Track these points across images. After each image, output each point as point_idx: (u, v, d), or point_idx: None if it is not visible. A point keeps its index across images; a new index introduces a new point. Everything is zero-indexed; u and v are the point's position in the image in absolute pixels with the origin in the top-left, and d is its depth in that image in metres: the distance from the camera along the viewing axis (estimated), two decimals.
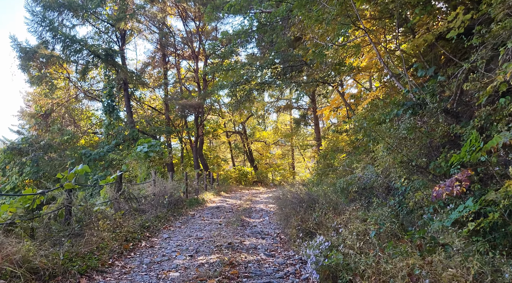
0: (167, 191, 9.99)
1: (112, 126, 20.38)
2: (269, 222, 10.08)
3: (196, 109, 22.93)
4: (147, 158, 12.46)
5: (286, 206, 9.27)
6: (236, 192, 21.85)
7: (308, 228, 6.75)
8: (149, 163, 12.39)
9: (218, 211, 12.21)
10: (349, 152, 19.49)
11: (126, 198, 8.22)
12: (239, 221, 9.68)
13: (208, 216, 10.74)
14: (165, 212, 9.47)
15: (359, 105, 13.76)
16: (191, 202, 12.91)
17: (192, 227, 8.51)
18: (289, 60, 15.11)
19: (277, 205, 12.72)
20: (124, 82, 22.47)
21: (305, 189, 14.94)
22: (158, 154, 12.76)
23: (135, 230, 6.62)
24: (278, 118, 40.29)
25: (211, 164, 32.66)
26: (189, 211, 11.37)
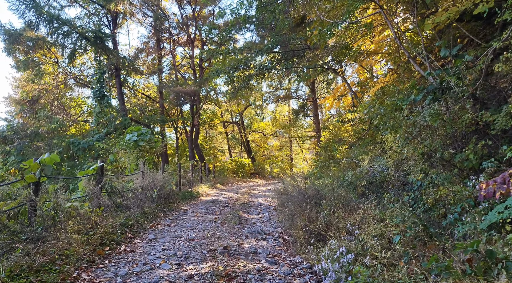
0: (156, 184, 9.01)
1: (102, 114, 19.29)
2: (269, 219, 9.15)
3: (192, 97, 21.83)
4: (137, 147, 11.45)
5: (288, 201, 8.32)
6: (233, 184, 20.90)
7: (316, 229, 5.79)
8: (138, 152, 11.38)
9: (213, 205, 11.26)
10: (353, 143, 18.58)
11: (108, 192, 7.23)
12: (236, 218, 8.73)
13: (202, 211, 9.79)
14: (154, 207, 8.50)
15: (366, 93, 12.77)
16: (184, 195, 11.95)
17: (184, 225, 7.54)
18: (290, 44, 14.05)
19: (278, 200, 11.78)
20: (115, 68, 21.32)
21: (308, 182, 14.01)
22: (149, 143, 11.74)
23: (114, 231, 5.64)
24: (277, 108, 39.25)
25: (207, 155, 31.66)
26: (182, 206, 10.40)
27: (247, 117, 38.26)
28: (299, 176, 19.35)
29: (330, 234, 5.67)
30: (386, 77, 11.43)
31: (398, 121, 6.92)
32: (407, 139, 7.20)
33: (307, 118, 40.27)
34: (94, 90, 19.23)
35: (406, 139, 7.19)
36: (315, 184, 12.26)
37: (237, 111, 33.89)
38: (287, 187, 11.39)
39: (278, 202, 12.19)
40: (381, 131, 10.45)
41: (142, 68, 25.87)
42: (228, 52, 12.62)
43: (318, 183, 13.60)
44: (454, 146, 7.18)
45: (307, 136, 39.11)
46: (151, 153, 12.14)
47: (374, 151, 11.29)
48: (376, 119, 6.75)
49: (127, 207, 7.00)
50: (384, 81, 11.34)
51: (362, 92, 13.82)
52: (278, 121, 38.04)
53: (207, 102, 28.41)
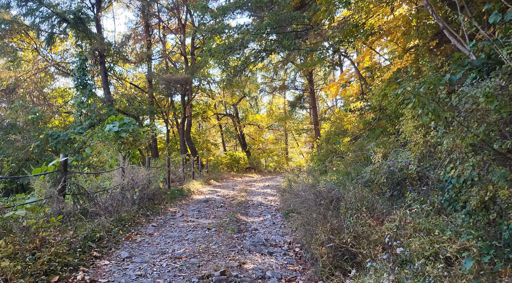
0: (138, 182, 7.52)
1: (85, 104, 17.65)
2: (272, 223, 7.73)
3: (183, 86, 20.24)
4: (118, 139, 9.94)
5: (295, 201, 6.89)
6: (227, 179, 19.46)
7: (343, 245, 4.38)
8: (120, 145, 9.86)
9: (206, 206, 9.81)
10: (358, 135, 17.20)
11: (74, 194, 5.75)
12: (234, 223, 7.29)
13: (193, 214, 8.33)
14: (135, 210, 7.02)
15: (378, 79, 11.35)
16: (173, 194, 10.48)
17: (170, 234, 6.08)
18: (291, 24, 12.54)
19: (280, 199, 10.36)
20: (100, 54, 19.64)
21: (311, 178, 12.61)
22: (133, 135, 10.23)
23: (72, 249, 4.16)
24: (272, 100, 37.76)
25: (200, 149, 30.13)
26: (170, 207, 8.93)
27: (241, 109, 36.73)
28: (300, 170, 17.96)
29: (362, 251, 4.26)
30: (404, 58, 10.00)
31: (441, 104, 5.50)
32: (447, 126, 5.81)
33: (303, 111, 38.92)
34: (75, 78, 17.54)
35: (446, 127, 5.80)
36: (324, 181, 10.86)
37: (231, 103, 32.34)
38: (291, 184, 9.97)
39: (281, 201, 10.78)
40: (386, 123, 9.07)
41: (130, 57, 24.18)
42: (222, 30, 11.08)
43: (325, 179, 12.21)
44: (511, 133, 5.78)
45: (303, 129, 37.76)
46: (136, 145, 10.63)
47: (388, 142, 9.88)
48: (412, 103, 5.33)
49: (96, 214, 5.52)
50: (402, 63, 9.93)
51: (372, 78, 12.39)
52: (274, 114, 36.59)
53: (199, 92, 26.81)
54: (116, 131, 10.02)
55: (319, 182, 7.39)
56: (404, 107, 9.38)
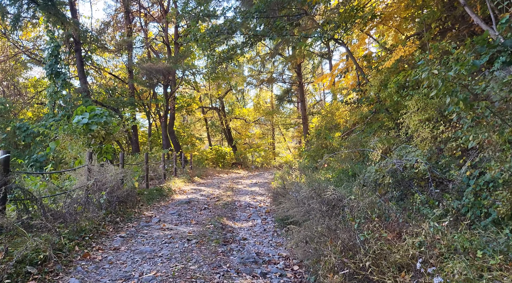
0: (106, 183, 6.39)
1: (58, 94, 16.29)
2: (263, 229, 6.72)
3: (166, 77, 18.95)
4: (88, 132, 8.74)
5: (296, 211, 5.87)
6: (213, 176, 18.37)
7: (360, 271, 3.40)
8: (89, 139, 8.67)
9: (188, 208, 8.73)
10: (350, 130, 16.35)
11: (19, 200, 4.61)
12: (219, 230, 6.25)
13: (172, 219, 7.25)
14: (101, 217, 5.90)
15: (380, 66, 10.42)
16: (151, 194, 9.36)
17: (140, 248, 5.00)
18: (283, 8, 11.49)
19: (272, 203, 9.35)
20: (75, 41, 18.20)
21: (304, 177, 11.65)
22: (105, 127, 9.04)
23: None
24: (259, 93, 36.70)
25: (185, 143, 28.88)
26: (146, 210, 7.82)
27: (228, 103, 35.54)
28: (289, 166, 16.98)
29: (385, 279, 3.28)
30: (406, 47, 9.07)
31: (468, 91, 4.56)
32: (474, 119, 4.89)
33: (291, 105, 37.98)
34: (46, 67, 16.12)
35: (473, 120, 4.88)
36: (319, 180, 9.90)
37: (217, 96, 31.10)
38: (285, 185, 8.96)
39: (271, 202, 9.79)
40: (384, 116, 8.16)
41: (110, 47, 22.69)
42: (209, 13, 9.95)
43: (318, 177, 11.26)
44: None
45: (291, 123, 36.88)
46: (108, 140, 9.44)
47: (390, 138, 8.96)
48: (437, 90, 4.37)
49: (43, 227, 4.38)
50: (406, 50, 9.00)
51: (370, 68, 11.46)
52: (261, 108, 35.52)
53: (183, 84, 25.52)
54: (86, 123, 8.81)
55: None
56: (409, 99, 8.48)
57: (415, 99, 8.27)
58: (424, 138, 7.88)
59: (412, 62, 10.55)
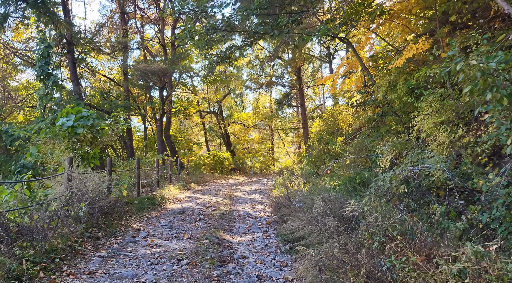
0: (86, 193, 5.64)
1: (48, 97, 15.59)
2: (265, 244, 5.97)
3: (161, 79, 18.22)
4: (73, 135, 8.01)
5: (303, 226, 5.11)
6: (210, 182, 17.60)
7: None
8: (74, 143, 7.92)
9: (182, 218, 7.97)
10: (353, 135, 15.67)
11: None
12: (214, 246, 5.50)
13: (163, 232, 6.49)
14: (79, 232, 5.15)
15: (389, 65, 9.72)
16: (142, 203, 8.60)
17: (120, 272, 4.24)
18: (285, 5, 10.84)
19: (273, 212, 8.58)
20: (68, 42, 17.51)
21: (307, 185, 10.93)
22: (92, 131, 8.30)
23: None
24: (258, 97, 36.04)
25: (182, 148, 28.11)
26: (134, 222, 7.07)
27: (226, 107, 34.83)
28: (290, 172, 16.25)
29: None
30: (419, 44, 8.37)
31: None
32: None
33: (290, 110, 37.28)
34: (36, 68, 15.44)
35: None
36: (322, 188, 9.16)
37: (215, 100, 30.38)
38: (289, 194, 8.20)
39: (272, 211, 9.03)
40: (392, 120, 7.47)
41: (105, 50, 21.98)
42: (205, 10, 9.26)
43: (322, 185, 10.54)
44: None
45: (291, 128, 36.19)
46: (96, 144, 8.69)
47: (401, 143, 8.23)
48: (472, 85, 3.66)
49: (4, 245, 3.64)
50: (418, 48, 8.30)
51: (377, 68, 10.78)
52: (260, 112, 34.83)
53: (180, 88, 24.83)
54: (71, 126, 8.07)
55: (335, 197, 5.64)
56: (424, 100, 7.77)
57: (430, 100, 7.55)
58: (440, 143, 7.17)
59: (421, 62, 9.87)
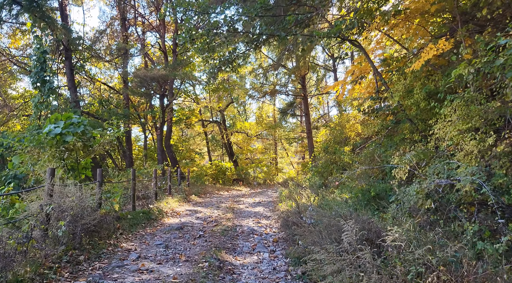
0: (67, 210, 4.89)
1: (44, 104, 14.98)
2: (273, 268, 5.19)
3: (162, 86, 17.58)
4: (62, 144, 7.31)
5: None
6: (212, 194, 16.82)
7: None
8: (62, 152, 7.21)
9: (179, 236, 7.19)
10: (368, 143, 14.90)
11: None
12: (214, 272, 4.72)
13: (157, 253, 5.71)
14: (57, 256, 4.39)
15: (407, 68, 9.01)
16: (136, 218, 7.82)
17: None
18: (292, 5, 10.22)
19: (280, 228, 7.76)
20: (65, 48, 16.98)
21: (316, 198, 10.14)
22: (82, 139, 7.59)
23: None
24: (262, 106, 35.40)
25: (184, 158, 27.40)
26: (125, 241, 6.29)
27: (228, 116, 34.17)
28: (297, 183, 15.46)
29: None
30: (439, 44, 7.67)
31: None
32: None
33: (294, 119, 36.58)
34: (32, 74, 14.86)
35: None
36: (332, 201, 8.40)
37: (217, 109, 29.73)
38: (298, 207, 7.39)
39: (279, 227, 8.23)
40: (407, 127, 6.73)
41: (105, 57, 21.43)
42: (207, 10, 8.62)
43: (332, 198, 9.75)
44: None
45: (295, 138, 35.47)
46: (87, 153, 7.97)
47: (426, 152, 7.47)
48: None
49: None
50: (438, 50, 7.59)
51: (390, 73, 10.07)
52: (263, 121, 34.12)
53: (182, 96, 24.21)
54: (59, 133, 7.36)
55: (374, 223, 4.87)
56: (448, 104, 7.02)
57: (455, 105, 6.79)
58: (468, 153, 6.39)
59: (437, 66, 9.15)
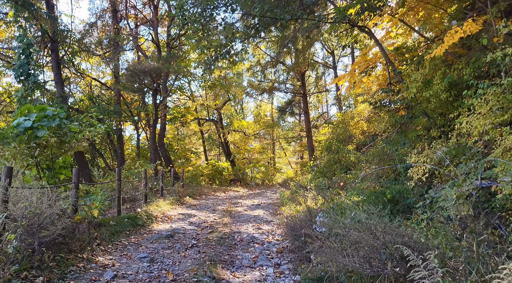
0: (18, 219, 3.89)
1: (28, 99, 14.00)
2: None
3: (155, 80, 16.54)
4: (33, 139, 6.31)
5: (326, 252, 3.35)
6: (208, 195, 15.81)
7: None
8: (32, 149, 6.21)
9: (168, 246, 6.20)
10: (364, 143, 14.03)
11: None
12: None
13: (139, 269, 4.73)
14: (5, 279, 3.40)
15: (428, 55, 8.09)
16: (120, 225, 6.82)
17: None
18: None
19: (284, 235, 6.75)
20: (52, 40, 15.93)
21: (322, 199, 9.15)
22: (57, 134, 6.59)
23: None
24: (260, 104, 34.43)
25: (178, 158, 26.37)
26: (102, 254, 5.29)
27: (225, 115, 33.16)
28: (299, 184, 14.46)
29: None
30: (466, 26, 6.72)
31: None
32: None
33: (292, 118, 35.63)
34: (15, 67, 13.86)
35: None
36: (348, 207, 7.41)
37: (214, 107, 28.69)
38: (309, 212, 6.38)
39: (282, 233, 7.26)
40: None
41: (96, 51, 20.35)
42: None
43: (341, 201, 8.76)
44: None
45: (293, 137, 34.52)
46: (64, 150, 6.96)
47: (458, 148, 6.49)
48: None
49: None
50: (465, 33, 6.64)
51: (405, 62, 9.12)
52: (261, 120, 33.13)
53: (177, 93, 23.19)
54: (29, 127, 6.34)
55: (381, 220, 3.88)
56: (480, 94, 6.07)
57: (490, 94, 5.83)
58: (507, 149, 5.46)
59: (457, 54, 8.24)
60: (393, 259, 3.13)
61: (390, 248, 3.19)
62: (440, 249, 3.11)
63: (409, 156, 7.06)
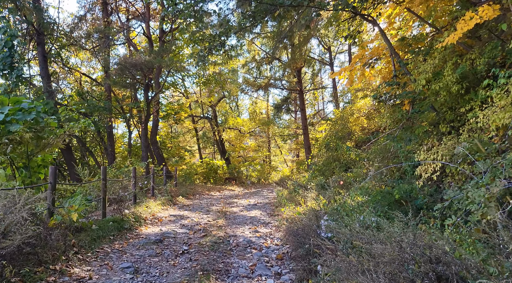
0: None
1: (11, 95, 13.26)
2: None
3: (146, 75, 15.86)
4: (5, 135, 5.67)
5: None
6: (202, 195, 15.18)
7: None
8: (4, 145, 5.57)
9: (157, 253, 5.58)
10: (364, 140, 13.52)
11: None
12: None
13: (120, 282, 4.12)
14: None
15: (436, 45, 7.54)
16: (103, 229, 6.18)
17: None
18: None
19: (284, 239, 6.15)
20: (37, 32, 15.19)
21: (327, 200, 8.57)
22: (33, 129, 5.95)
23: None
24: (256, 101, 33.79)
25: (172, 156, 25.69)
26: (80, 264, 4.66)
27: (220, 112, 32.48)
28: (297, 183, 13.86)
29: None
30: (482, 12, 6.16)
31: None
32: None
33: (288, 116, 35.06)
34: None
35: None
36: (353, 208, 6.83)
37: (208, 104, 28.01)
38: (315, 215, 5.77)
39: (283, 237, 6.66)
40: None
41: (86, 46, 19.60)
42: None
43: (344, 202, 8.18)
44: None
45: (289, 135, 33.95)
46: (42, 147, 6.30)
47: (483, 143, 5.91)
48: None
49: None
50: (481, 19, 6.07)
51: (412, 53, 8.56)
52: (257, 118, 32.52)
53: (170, 89, 22.51)
54: (1, 121, 5.69)
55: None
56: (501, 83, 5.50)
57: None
58: None
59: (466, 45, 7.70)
60: (424, 278, 2.55)
61: (419, 263, 2.61)
62: (486, 267, 2.54)
63: (417, 153, 6.49)
